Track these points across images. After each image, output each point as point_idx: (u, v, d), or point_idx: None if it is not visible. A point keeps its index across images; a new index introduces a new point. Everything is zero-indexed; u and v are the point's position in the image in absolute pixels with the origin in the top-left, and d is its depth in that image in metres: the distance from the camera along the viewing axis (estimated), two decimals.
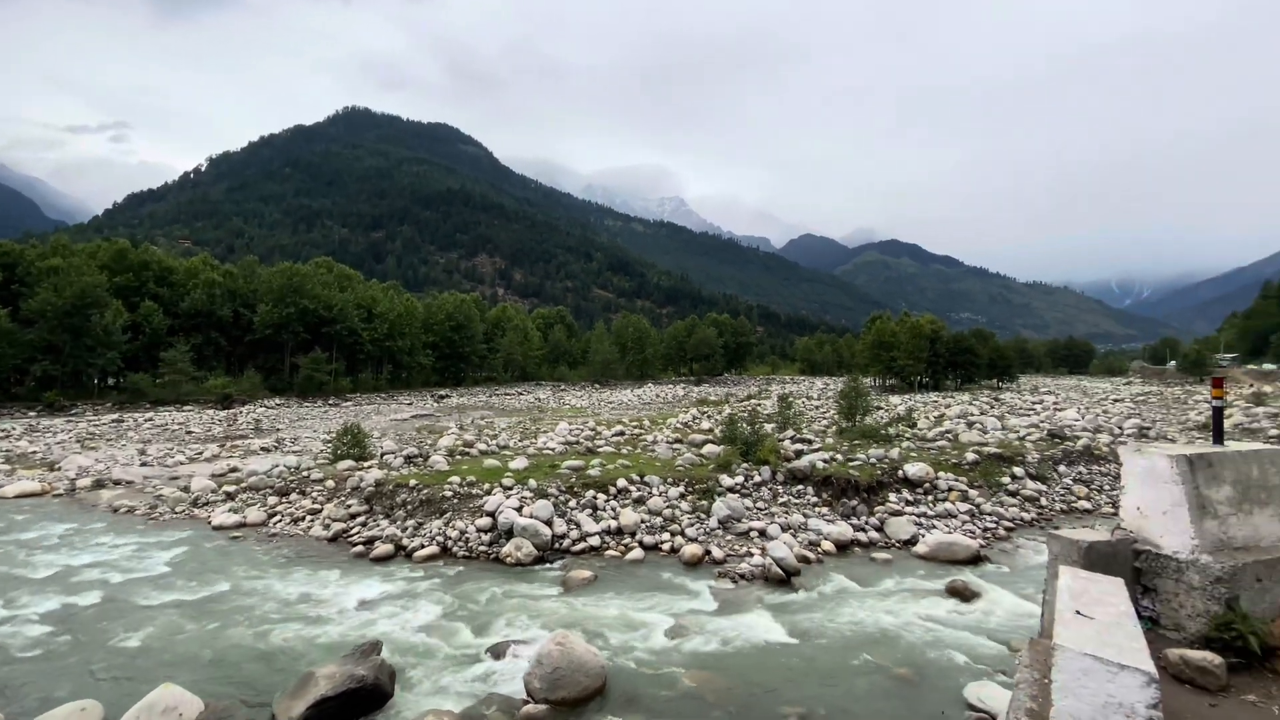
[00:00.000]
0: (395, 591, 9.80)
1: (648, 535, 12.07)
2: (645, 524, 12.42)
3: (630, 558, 11.28)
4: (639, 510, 12.85)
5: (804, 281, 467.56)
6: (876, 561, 11.29)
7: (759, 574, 10.37)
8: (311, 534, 12.77)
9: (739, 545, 11.71)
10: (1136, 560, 3.76)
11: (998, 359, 66.62)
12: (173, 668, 7.38)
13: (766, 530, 12.21)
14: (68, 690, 6.78)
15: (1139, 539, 3.81)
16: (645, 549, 11.65)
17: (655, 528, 12.36)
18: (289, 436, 27.89)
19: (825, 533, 12.17)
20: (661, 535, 12.09)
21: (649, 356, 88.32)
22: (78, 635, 8.25)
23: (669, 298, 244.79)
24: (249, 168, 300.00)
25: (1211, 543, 3.65)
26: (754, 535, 12.13)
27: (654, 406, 42.33)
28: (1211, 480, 3.81)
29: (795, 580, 10.16)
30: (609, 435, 20.98)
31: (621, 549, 11.63)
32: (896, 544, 12.23)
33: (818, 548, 11.71)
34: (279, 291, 57.24)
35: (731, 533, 12.25)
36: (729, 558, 11.21)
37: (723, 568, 10.76)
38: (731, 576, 10.36)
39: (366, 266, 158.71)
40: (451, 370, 73.54)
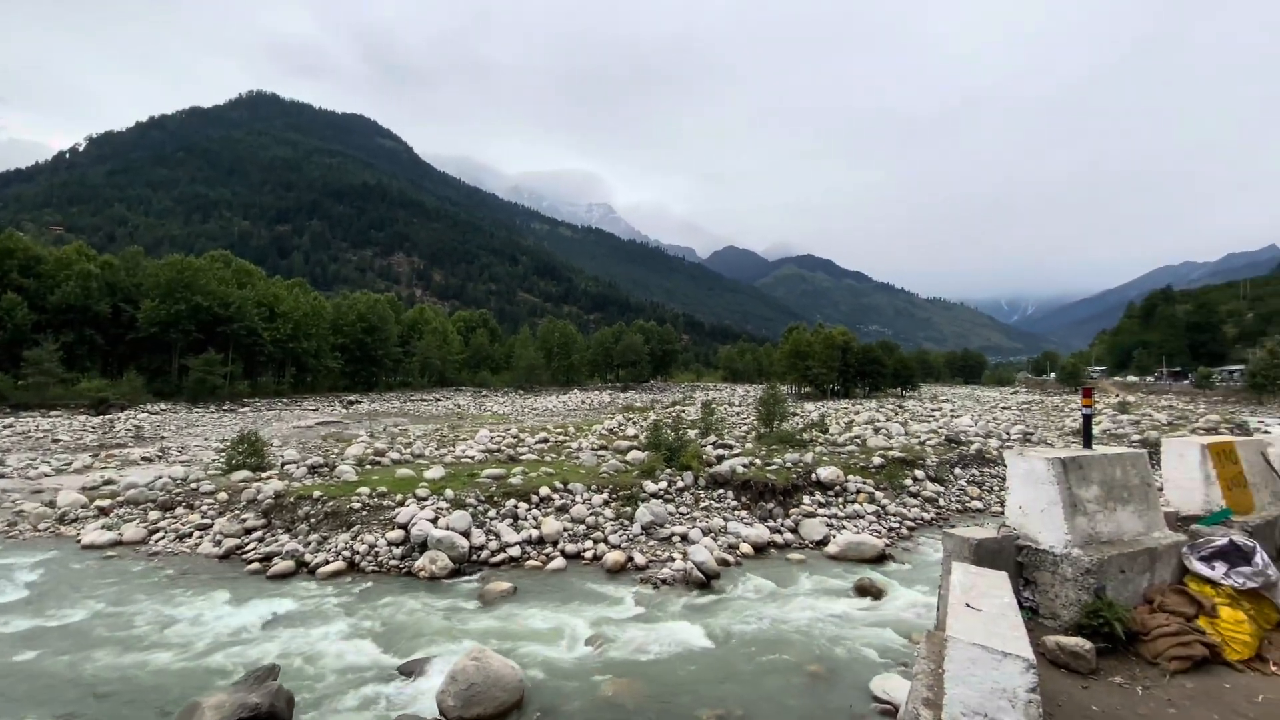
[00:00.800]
0: (296, 611, 9.14)
1: (570, 544, 11.93)
2: (568, 532, 12.27)
3: (551, 567, 11.10)
4: (562, 519, 12.68)
5: (727, 292, 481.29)
6: (791, 562, 11.70)
7: (680, 578, 10.49)
8: (200, 551, 11.72)
9: (661, 550, 11.79)
10: (1019, 555, 4.10)
11: (902, 369, 71.23)
12: (31, 705, 6.52)
13: (688, 535, 12.38)
14: None
15: (1021, 535, 4.16)
16: (567, 558, 11.50)
17: (578, 536, 12.24)
18: (176, 445, 25.53)
19: (744, 535, 12.49)
20: (584, 543, 11.99)
21: (575, 362, 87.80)
22: None
23: (596, 304, 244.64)
24: (136, 150, 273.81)
25: (1082, 537, 4.04)
26: (676, 540, 12.27)
27: (579, 413, 42.07)
28: (1082, 481, 4.23)
29: (715, 583, 10.35)
30: (532, 442, 20.63)
31: (543, 559, 11.42)
32: (810, 545, 12.73)
33: (736, 550, 11.99)
34: (167, 286, 52.32)
35: (654, 538, 12.33)
36: (651, 563, 11.26)
37: (645, 574, 10.80)
38: (653, 582, 10.41)
39: (270, 262, 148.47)
40: (363, 374, 69.82)
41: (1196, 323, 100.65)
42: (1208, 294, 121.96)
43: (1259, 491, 5.86)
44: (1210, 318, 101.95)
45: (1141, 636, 3.75)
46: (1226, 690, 3.40)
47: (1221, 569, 4.11)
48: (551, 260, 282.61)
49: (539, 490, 13.51)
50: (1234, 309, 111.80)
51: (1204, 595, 4.00)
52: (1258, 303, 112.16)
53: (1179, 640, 3.66)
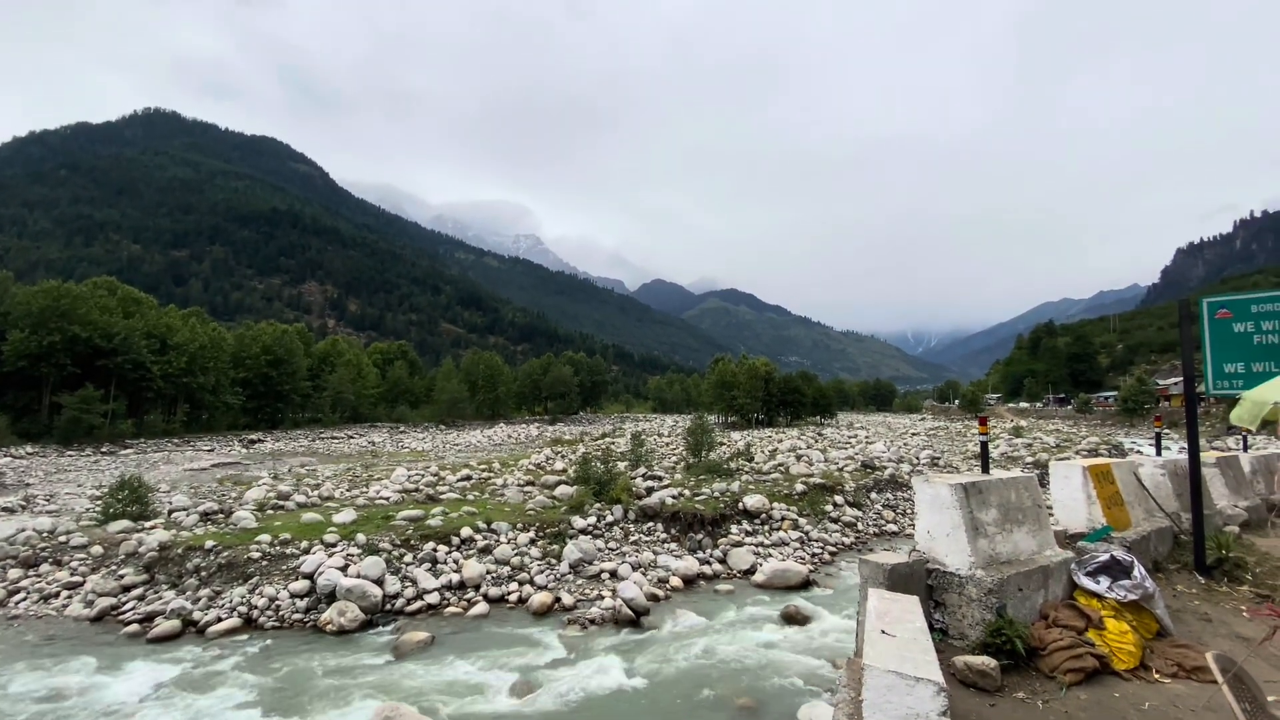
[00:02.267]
0: (182, 677, 8.18)
1: (494, 587, 11.42)
2: (491, 575, 11.76)
3: (473, 613, 10.56)
4: (485, 560, 12.16)
5: (655, 324, 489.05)
6: (720, 593, 11.72)
7: (609, 617, 10.25)
8: (69, 613, 10.34)
9: (590, 589, 11.51)
10: (929, 578, 4.29)
11: (820, 398, 74.39)
12: None
13: (618, 571, 12.17)
14: None
15: (930, 559, 4.35)
16: (490, 602, 11.00)
17: (502, 578, 11.75)
18: (43, 493, 22.64)
19: (673, 569, 12.43)
20: (509, 585, 11.52)
21: (501, 395, 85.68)
22: None
23: (524, 335, 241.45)
24: (11, 166, 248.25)
25: (984, 559, 4.28)
26: (605, 577, 12.02)
27: (506, 447, 40.94)
28: (982, 504, 4.50)
29: (645, 620, 10.18)
30: (454, 480, 19.80)
31: (464, 604, 10.86)
32: (738, 574, 12.83)
33: (666, 584, 11.89)
34: (40, 315, 46.96)
35: (583, 576, 12.03)
36: (579, 603, 10.95)
37: (572, 614, 10.48)
38: (581, 622, 10.12)
39: (164, 289, 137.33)
40: (267, 411, 64.96)
41: (1076, 353, 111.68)
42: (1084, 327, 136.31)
43: (1134, 509, 6.47)
44: (1087, 349, 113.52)
45: (1039, 651, 3.98)
46: (1116, 700, 3.65)
47: (1105, 583, 4.46)
48: (477, 290, 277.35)
49: (460, 531, 12.93)
50: (1106, 340, 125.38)
51: (1092, 609, 4.32)
52: (1125, 335, 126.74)
53: (1072, 654, 3.91)
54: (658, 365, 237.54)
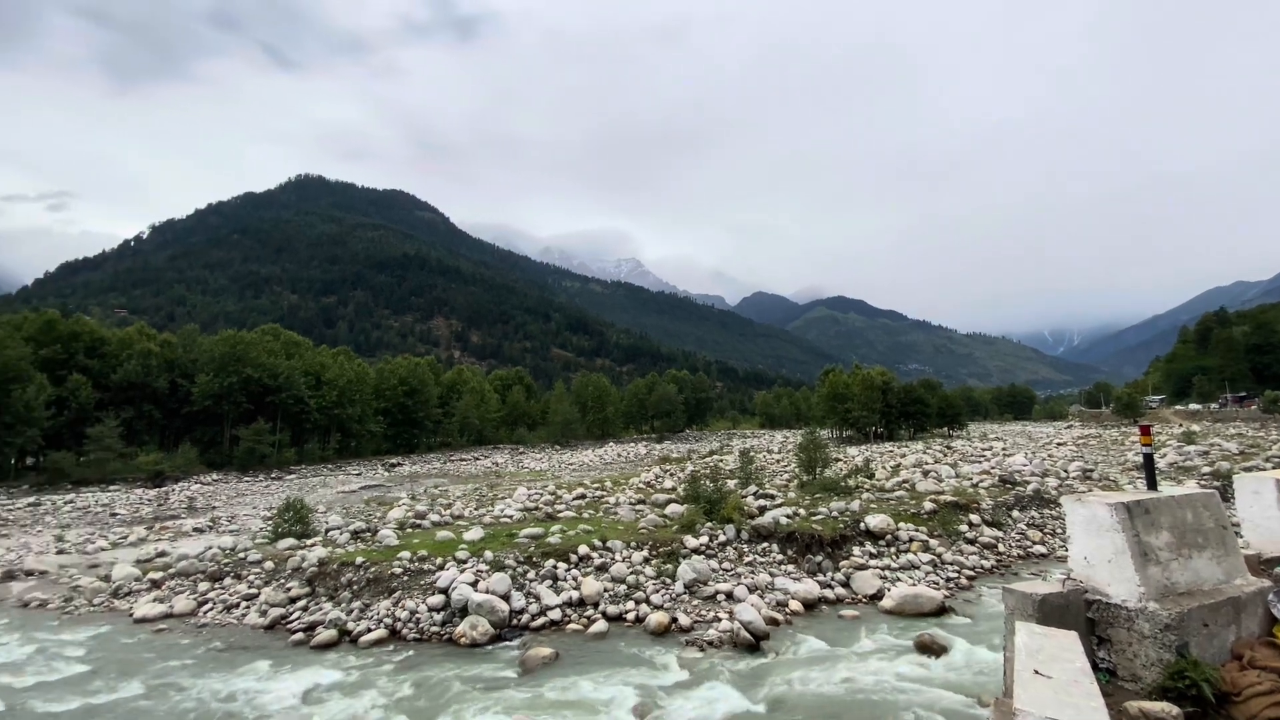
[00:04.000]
0: (338, 682, 9.04)
1: (611, 605, 11.61)
2: (608, 593, 11.97)
3: (593, 630, 10.78)
4: (601, 578, 12.40)
5: (759, 337, 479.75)
6: (844, 619, 11.12)
7: (727, 639, 10.06)
8: (246, 622, 11.80)
9: (706, 610, 11.37)
10: (1089, 611, 3.80)
11: (947, 408, 68.95)
12: None
13: (733, 592, 11.93)
14: None
15: (1089, 588, 3.86)
16: (609, 620, 11.18)
17: (619, 596, 11.92)
18: (226, 515, 26.18)
19: (792, 591, 11.98)
20: (626, 604, 11.66)
21: (610, 415, 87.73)
22: None
23: (628, 356, 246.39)
24: (195, 235, 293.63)
25: (1157, 589, 3.73)
26: (721, 598, 11.83)
27: (616, 466, 41.74)
28: (1150, 526, 3.94)
29: (764, 644, 9.88)
30: (569, 499, 20.47)
31: (584, 622, 11.13)
32: (863, 599, 12.12)
33: (785, 608, 11.48)
34: (220, 360, 54.90)
35: (698, 597, 11.92)
36: (696, 624, 10.85)
37: (690, 635, 10.40)
38: (699, 644, 10.01)
39: (317, 332, 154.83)
40: (404, 437, 71.12)
41: (1257, 344, 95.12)
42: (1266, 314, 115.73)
43: None
44: (1271, 338, 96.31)
45: (1233, 698, 3.40)
46: None
47: None
48: (583, 316, 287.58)
49: (577, 549, 13.30)
50: None
51: None
52: None
53: (1273, 700, 3.30)
54: (763, 380, 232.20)
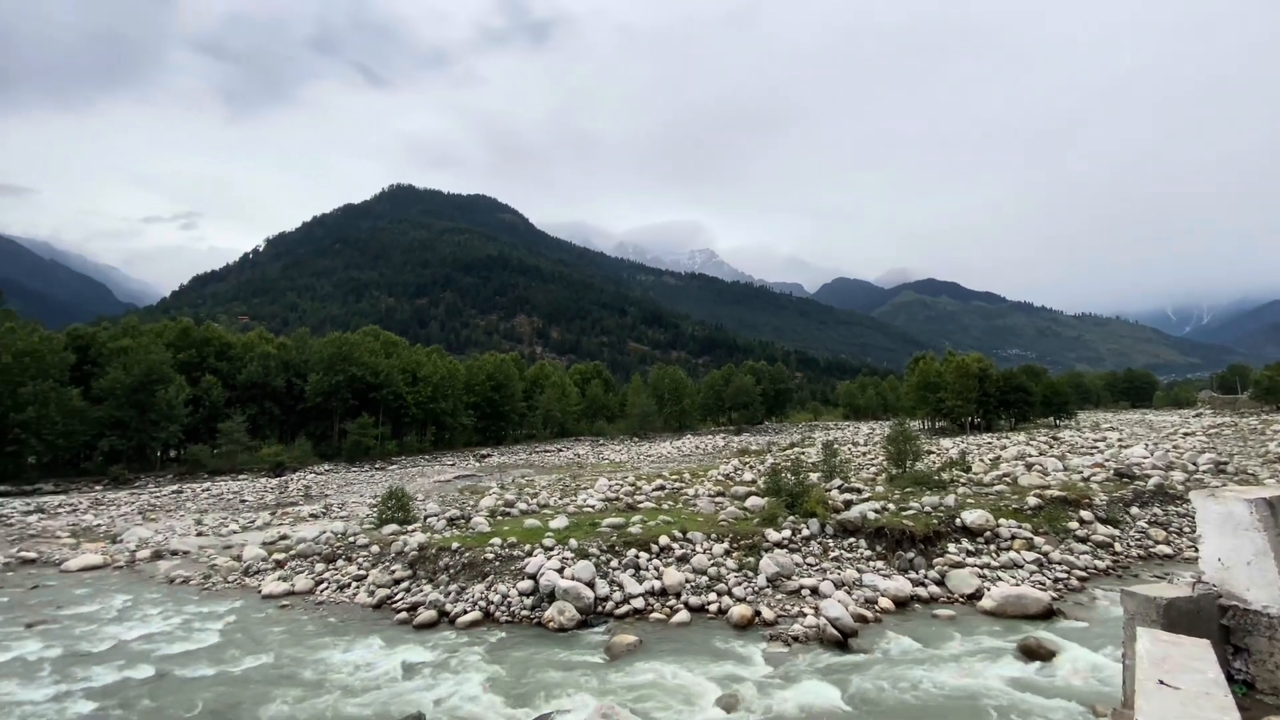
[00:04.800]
0: (438, 660, 9.64)
1: (693, 596, 11.66)
2: (690, 584, 12.02)
3: (676, 620, 10.88)
4: (683, 569, 12.47)
5: (840, 324, 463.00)
6: (939, 619, 10.61)
7: (813, 635, 9.85)
8: (357, 601, 12.79)
9: (790, 604, 11.19)
10: (1224, 617, 3.41)
11: (1052, 395, 63.75)
12: None
13: (819, 588, 11.66)
14: None
15: (1224, 593, 3.46)
16: (691, 610, 11.24)
17: (701, 587, 11.95)
18: (336, 502, 28.41)
19: (882, 589, 11.56)
20: (708, 595, 11.67)
21: (687, 407, 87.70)
22: (129, 710, 8.34)
23: (704, 347, 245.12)
24: (303, 246, 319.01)
25: None
26: (805, 593, 11.59)
27: (694, 458, 41.70)
28: None
29: (853, 641, 9.61)
30: (649, 490, 20.68)
31: (667, 611, 11.25)
32: (959, 599, 11.51)
33: (875, 605, 11.10)
34: (329, 360, 59.58)
35: (781, 591, 11.75)
36: (780, 618, 10.70)
37: (774, 629, 10.27)
38: (784, 639, 9.87)
39: (411, 332, 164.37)
40: (492, 429, 74.42)
41: None
42: None
43: None
44: None
45: None
46: None
47: None
48: (658, 309, 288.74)
49: (658, 540, 13.44)
50: None
51: None
52: None
53: None
54: (846, 369, 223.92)
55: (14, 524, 24.45)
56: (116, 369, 46.35)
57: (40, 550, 18.99)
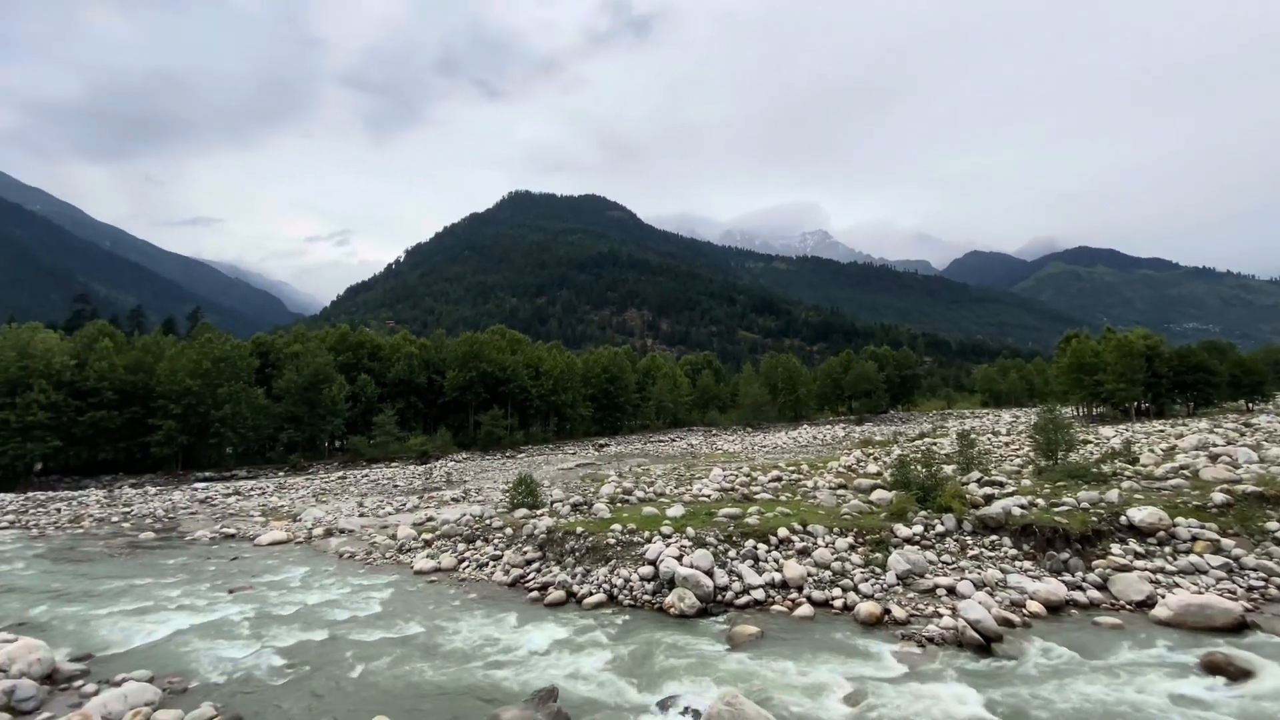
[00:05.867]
0: (567, 638, 10.20)
1: (816, 590, 11.37)
2: (812, 578, 11.73)
3: (798, 614, 10.68)
4: (804, 562, 12.19)
5: (975, 303, 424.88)
6: (1101, 626, 9.53)
7: (950, 638, 9.25)
8: (494, 579, 13.82)
9: (923, 604, 10.58)
10: None
11: (1243, 375, 54.34)
12: (383, 699, 8.31)
13: (956, 587, 10.91)
14: (304, 715, 7.90)
15: None
16: (814, 605, 10.97)
17: (824, 582, 11.62)
18: (474, 487, 30.79)
19: (1030, 591, 10.58)
20: (831, 590, 11.33)
21: (802, 396, 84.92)
22: (311, 666, 9.66)
23: (819, 334, 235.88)
24: (436, 254, 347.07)
25: None
26: (940, 593, 10.90)
27: (812, 449, 40.38)
28: None
29: (996, 647, 8.90)
30: (765, 481, 20.35)
31: (788, 604, 11.07)
32: (1126, 606, 10.26)
33: (1022, 609, 10.19)
34: (462, 358, 64.76)
35: (913, 589, 11.12)
36: (912, 618, 10.15)
37: (905, 629, 9.77)
38: (917, 640, 9.36)
39: (533, 330, 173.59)
40: (609, 420, 76.89)
41: None
42: None
43: None
44: None
45: None
46: None
47: None
48: (768, 296, 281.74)
49: (777, 531, 13.22)
50: None
51: None
52: None
53: None
54: (983, 351, 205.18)
55: (217, 505, 29.04)
56: (290, 371, 53.42)
57: (238, 527, 22.42)
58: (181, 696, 8.56)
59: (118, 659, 10.09)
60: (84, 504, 30.89)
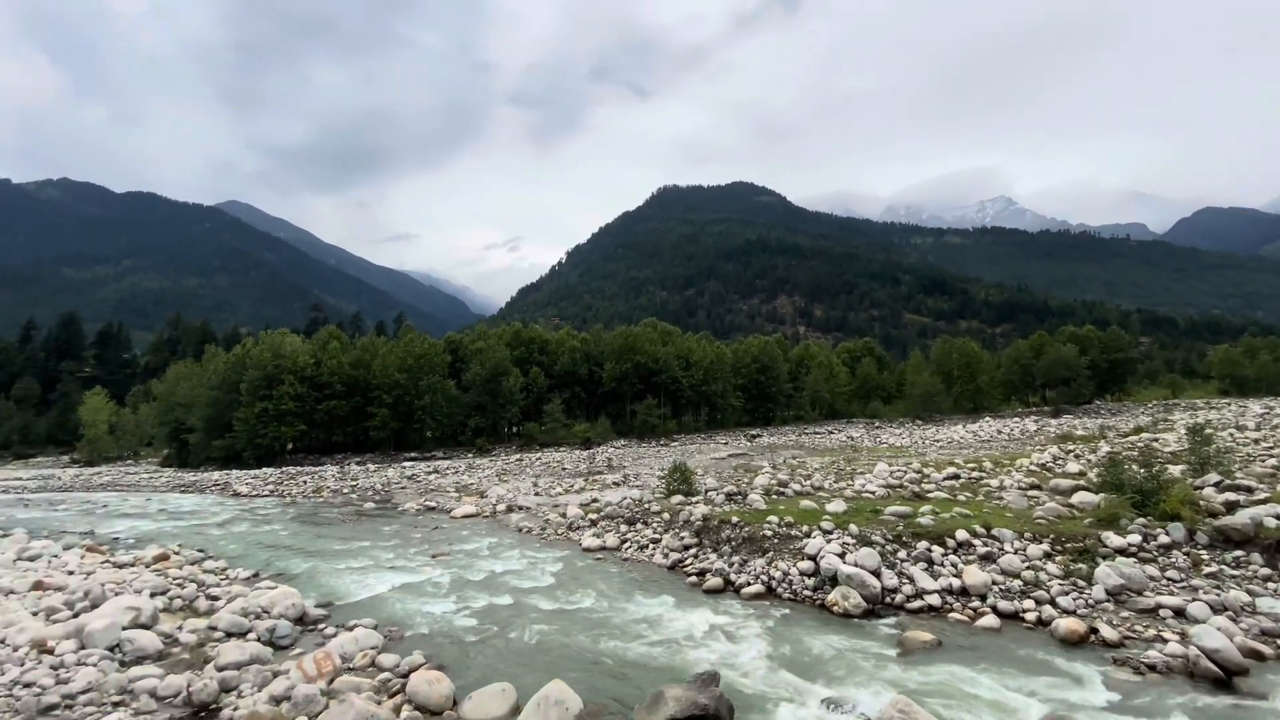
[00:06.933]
0: (725, 625, 10.31)
1: (1003, 600, 10.27)
2: (999, 586, 10.61)
3: (982, 624, 9.74)
4: (988, 569, 11.07)
5: (1209, 270, 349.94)
6: None
7: (1178, 667, 7.87)
8: (654, 561, 14.38)
9: (1141, 625, 9.09)
10: None
11: None
12: (558, 664, 9.07)
13: (1187, 609, 9.22)
14: (494, 671, 8.88)
15: None
16: (1001, 616, 9.92)
17: (1013, 592, 10.46)
18: (632, 473, 32.15)
19: None
20: (1022, 602, 10.16)
21: (982, 385, 76.20)
22: (498, 627, 10.82)
23: (1002, 314, 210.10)
24: (593, 254, 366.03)
25: None
26: (1166, 614, 9.28)
27: (995, 444, 36.18)
28: None
29: (1239, 682, 7.41)
30: (939, 479, 18.70)
31: (969, 613, 10.14)
32: None
33: (1276, 640, 8.34)
34: (618, 351, 67.93)
35: (1127, 608, 9.61)
36: (1127, 639, 8.78)
37: (1118, 652, 8.48)
38: (1134, 665, 8.08)
39: (682, 321, 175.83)
40: (760, 410, 75.62)
41: None
42: None
43: None
44: None
45: None
46: None
47: None
48: (938, 274, 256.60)
49: (954, 534, 12.13)
50: None
51: None
52: None
53: None
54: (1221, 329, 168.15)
55: (421, 481, 33.50)
56: (475, 365, 60.03)
57: (437, 501, 25.68)
58: (398, 644, 10.09)
59: (349, 608, 12.14)
60: (322, 478, 37.52)
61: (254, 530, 21.91)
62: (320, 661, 8.67)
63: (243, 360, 56.21)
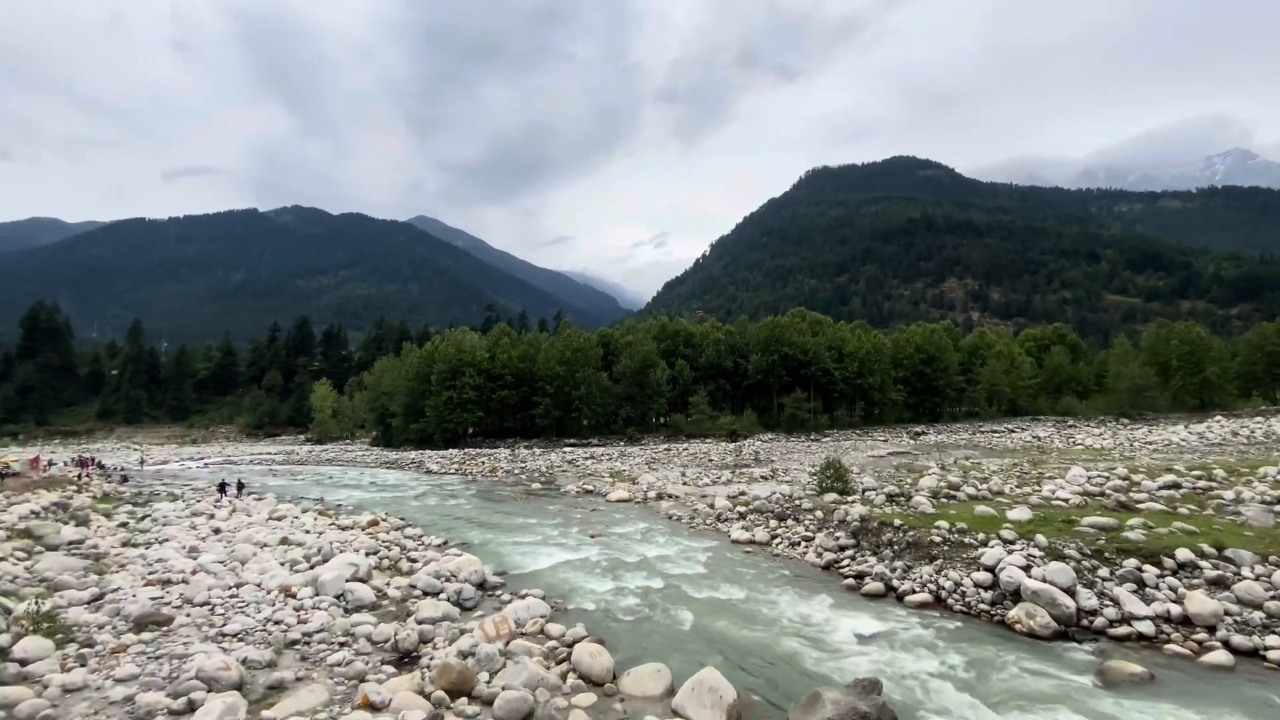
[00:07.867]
0: (888, 633, 9.76)
1: (1238, 634, 8.58)
2: (1231, 617, 8.88)
3: (1208, 660, 8.22)
4: (1219, 596, 9.30)
5: None
6: None
7: None
8: (806, 559, 14.02)
9: None
10: None
11: None
12: (711, 651, 9.23)
13: None
14: (647, 651, 9.25)
15: None
16: (1234, 652, 8.30)
17: (1250, 625, 8.70)
18: (781, 467, 31.47)
19: None
20: (1265, 638, 8.42)
21: (1212, 378, 63.13)
22: (653, 610, 11.26)
23: (1239, 292, 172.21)
24: (737, 244, 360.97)
25: None
26: None
27: (1228, 448, 29.90)
28: None
29: None
30: (1153, 487, 15.94)
31: (1192, 645, 8.61)
32: None
33: None
34: (764, 342, 66.46)
35: None
36: None
37: None
38: None
39: (834, 310, 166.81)
40: (926, 405, 69.60)
41: None
42: None
43: None
44: None
45: None
46: None
47: None
48: (1151, 246, 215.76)
49: (1174, 552, 10.33)
50: None
51: None
52: None
53: None
54: None
55: (579, 466, 35.74)
56: (625, 358, 62.60)
57: (594, 485, 27.26)
58: (563, 614, 10.94)
59: (520, 578, 13.38)
60: (497, 460, 41.60)
61: (442, 504, 25.00)
62: (499, 624, 9.72)
63: (432, 355, 64.31)
